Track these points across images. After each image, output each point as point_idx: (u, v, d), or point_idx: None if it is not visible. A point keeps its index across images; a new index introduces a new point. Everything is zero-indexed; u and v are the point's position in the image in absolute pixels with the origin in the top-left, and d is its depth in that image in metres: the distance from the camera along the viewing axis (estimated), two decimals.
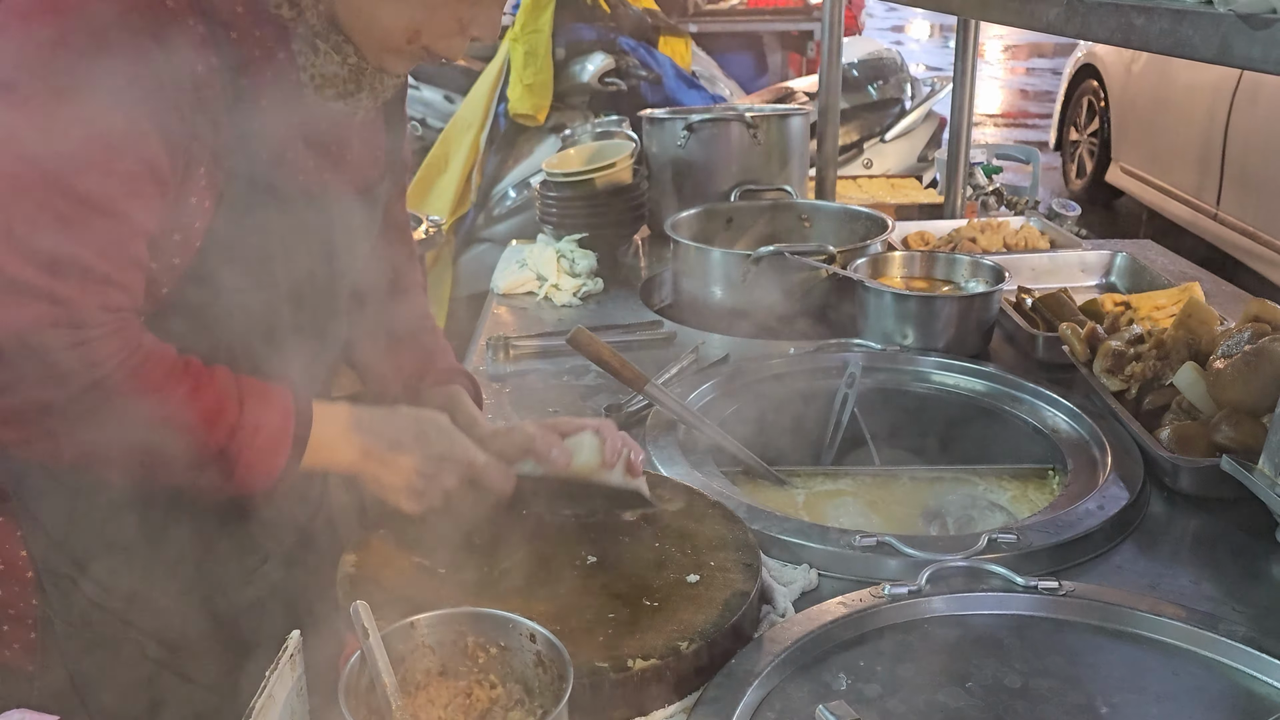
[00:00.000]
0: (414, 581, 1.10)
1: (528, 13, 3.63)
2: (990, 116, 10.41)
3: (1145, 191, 6.08)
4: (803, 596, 1.17)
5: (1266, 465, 1.22)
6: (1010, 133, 9.79)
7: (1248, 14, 0.79)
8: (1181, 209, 5.58)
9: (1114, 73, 6.41)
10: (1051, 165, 7.91)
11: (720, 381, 1.67)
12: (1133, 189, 6.28)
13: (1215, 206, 5.23)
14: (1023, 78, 12.74)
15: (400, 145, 1.29)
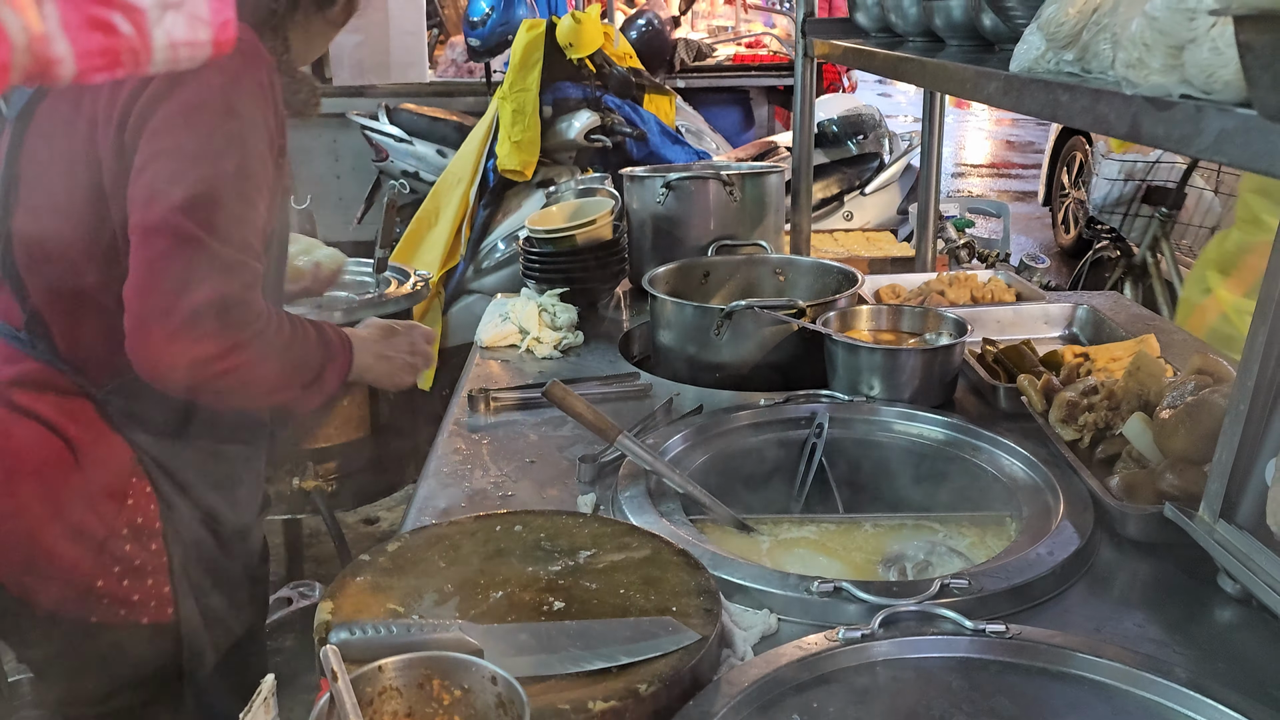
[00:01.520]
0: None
1: (516, 72, 3.74)
2: (975, 167, 10.58)
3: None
4: (762, 640, 1.22)
5: (1206, 512, 1.28)
6: (995, 183, 9.95)
7: (1152, 97, 0.86)
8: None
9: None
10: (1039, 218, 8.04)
11: (692, 432, 1.73)
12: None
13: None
14: (1008, 128, 12.96)
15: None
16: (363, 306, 2.50)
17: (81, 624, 1.47)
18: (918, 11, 1.82)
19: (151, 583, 1.50)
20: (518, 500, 1.58)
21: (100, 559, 1.46)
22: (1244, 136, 0.73)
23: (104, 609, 1.47)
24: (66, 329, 1.45)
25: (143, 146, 1.32)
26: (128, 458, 1.47)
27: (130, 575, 1.48)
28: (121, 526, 1.47)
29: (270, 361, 1.41)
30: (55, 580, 1.45)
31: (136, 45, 0.43)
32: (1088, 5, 1.03)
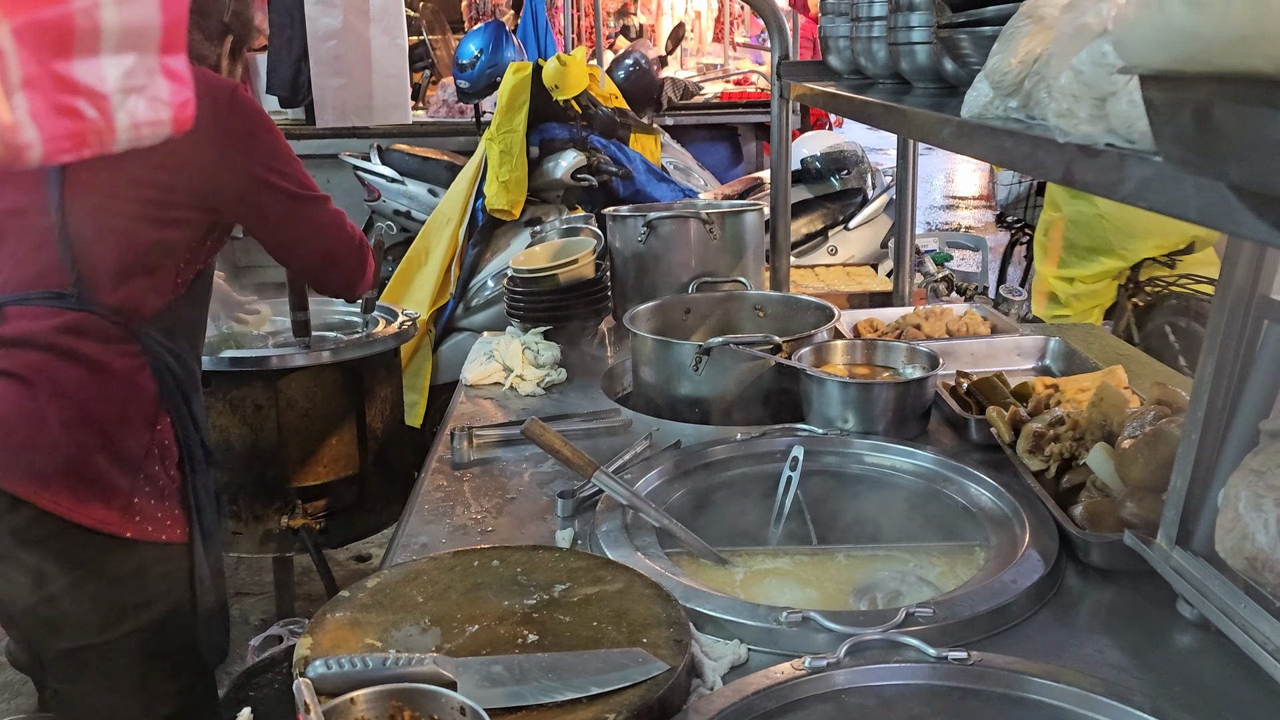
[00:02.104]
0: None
1: (503, 113, 3.80)
2: (963, 199, 10.67)
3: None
4: (732, 670, 1.25)
5: (1163, 539, 1.31)
6: (984, 215, 10.04)
7: (1082, 145, 0.91)
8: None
9: None
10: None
11: (670, 466, 1.76)
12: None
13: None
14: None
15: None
16: (350, 346, 2.54)
17: (120, 541, 1.69)
18: (886, 56, 1.87)
19: (169, 504, 1.76)
20: (498, 535, 1.61)
21: (136, 479, 1.71)
22: (1160, 184, 0.77)
23: (136, 525, 1.71)
24: (112, 287, 1.71)
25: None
26: (155, 389, 1.74)
27: (157, 495, 1.73)
28: (153, 449, 1.73)
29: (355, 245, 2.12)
30: (99, 500, 1.67)
31: (101, 128, 0.47)
32: (1028, 55, 1.08)
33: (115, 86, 0.47)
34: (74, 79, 0.45)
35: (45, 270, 1.69)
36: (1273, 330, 1.23)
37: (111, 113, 0.47)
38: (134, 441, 1.71)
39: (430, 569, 1.38)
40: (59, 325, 1.68)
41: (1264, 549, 1.07)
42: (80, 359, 1.68)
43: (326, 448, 2.50)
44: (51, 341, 1.68)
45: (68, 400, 1.67)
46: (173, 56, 0.50)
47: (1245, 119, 0.58)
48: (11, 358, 1.67)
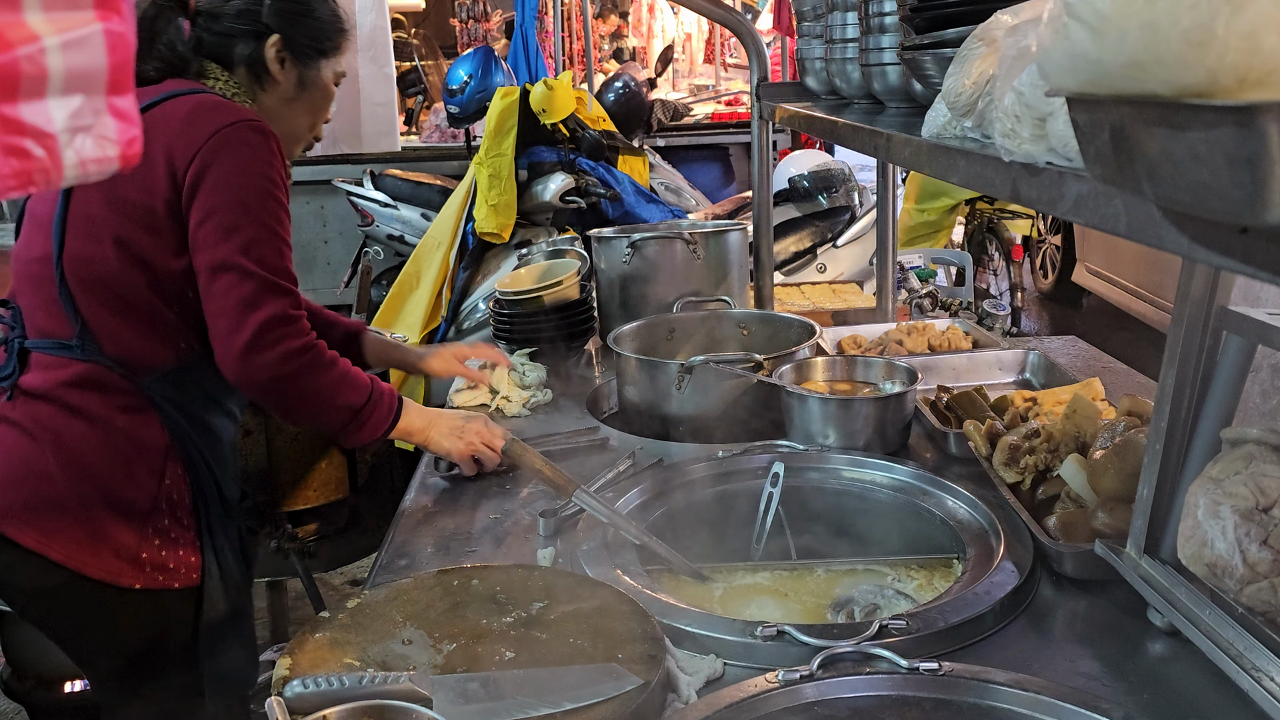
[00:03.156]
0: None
1: (491, 138, 3.85)
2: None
3: (1111, 291, 6.26)
4: (708, 684, 1.26)
5: (1132, 549, 1.33)
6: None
7: (1025, 163, 0.93)
8: (1149, 309, 5.72)
9: None
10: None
11: (651, 484, 1.78)
12: (1099, 289, 6.46)
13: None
14: None
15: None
16: None
17: (129, 592, 1.70)
18: (859, 76, 1.91)
19: (183, 551, 1.75)
20: (480, 555, 1.63)
21: (144, 531, 1.70)
22: (1093, 201, 0.80)
23: (146, 576, 1.71)
24: (113, 333, 1.70)
25: (198, 204, 1.66)
26: (164, 439, 1.73)
27: (168, 545, 1.73)
28: (161, 502, 1.72)
29: (325, 375, 1.73)
30: (108, 554, 1.68)
31: (48, 166, 0.50)
32: (981, 77, 1.11)
33: (62, 126, 0.50)
34: (21, 120, 0.48)
35: (55, 318, 1.71)
36: (1232, 340, 1.25)
37: (59, 151, 0.50)
38: (139, 494, 1.70)
39: (411, 589, 1.40)
40: (66, 379, 1.69)
41: (1223, 555, 1.09)
42: (82, 414, 1.68)
43: (316, 471, 2.52)
44: (57, 395, 1.69)
45: (68, 455, 1.67)
46: (120, 97, 0.53)
47: (1152, 139, 0.60)
48: (22, 408, 1.70)
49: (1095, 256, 6.46)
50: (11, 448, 1.68)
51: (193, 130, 1.66)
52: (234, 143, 1.67)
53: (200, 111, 1.68)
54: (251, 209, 1.67)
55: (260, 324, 1.65)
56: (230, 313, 1.66)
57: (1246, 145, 0.51)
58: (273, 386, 1.68)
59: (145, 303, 1.70)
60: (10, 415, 1.70)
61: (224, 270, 1.65)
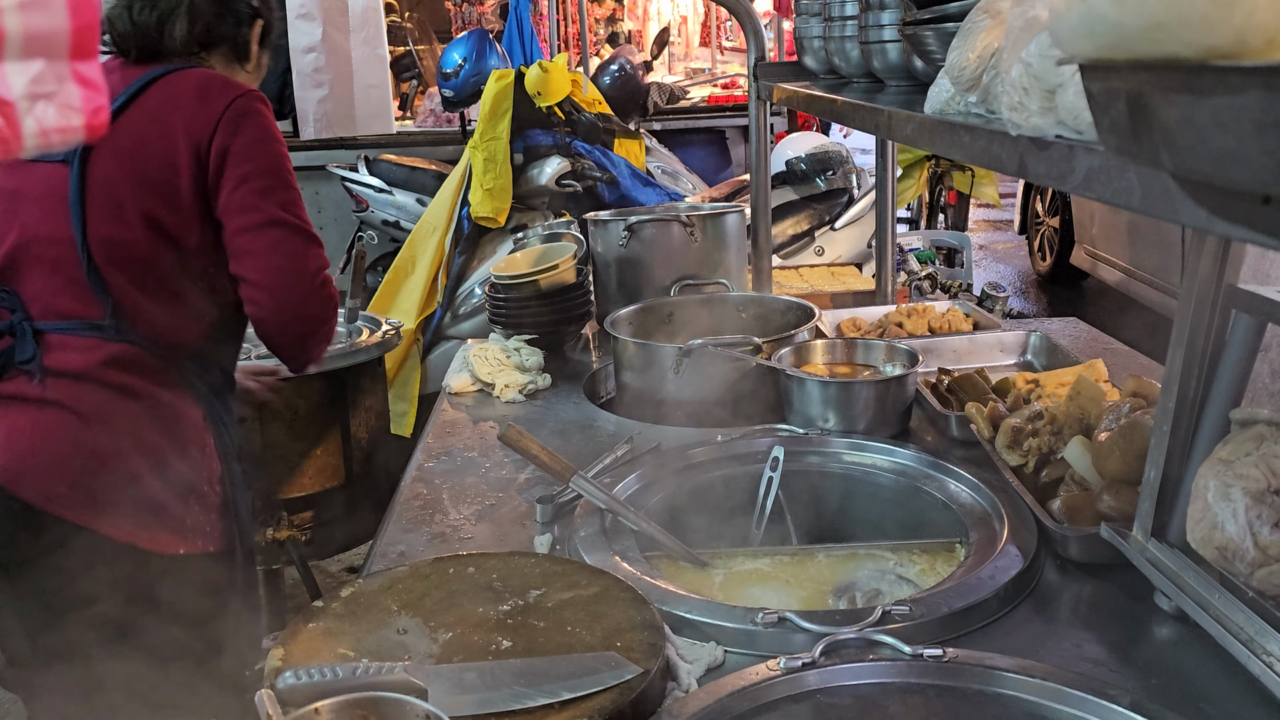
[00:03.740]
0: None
1: (486, 121, 3.81)
2: None
3: (1110, 274, 6.23)
4: (708, 672, 1.24)
5: (1139, 532, 1.31)
6: (975, 213, 10.04)
7: (1034, 137, 0.91)
8: (1149, 291, 5.68)
9: None
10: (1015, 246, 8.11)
11: (649, 469, 1.76)
12: (1098, 271, 6.43)
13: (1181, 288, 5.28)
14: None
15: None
16: (333, 356, 2.54)
17: (174, 558, 1.76)
18: (858, 55, 1.88)
19: (215, 516, 1.83)
20: (476, 542, 1.60)
21: (188, 501, 1.78)
22: (1106, 174, 0.77)
23: (189, 542, 1.78)
24: (145, 315, 1.74)
25: (230, 173, 1.73)
26: (200, 415, 1.82)
27: (205, 511, 1.81)
28: (202, 471, 1.81)
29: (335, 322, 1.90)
30: (157, 524, 1.74)
31: (6, 135, 0.47)
32: (986, 50, 1.08)
33: (21, 93, 0.47)
34: None
35: (80, 300, 1.72)
36: (1240, 319, 1.23)
37: (18, 119, 0.47)
38: (188, 466, 1.78)
39: (406, 577, 1.38)
40: (104, 360, 1.71)
41: (1233, 538, 1.07)
42: (130, 392, 1.73)
43: (311, 459, 2.50)
44: (99, 375, 1.71)
45: (124, 432, 1.71)
46: (85, 62, 0.50)
47: (1172, 106, 0.58)
48: (62, 389, 1.70)
49: (1094, 239, 6.43)
50: (57, 428, 1.69)
51: (208, 104, 1.72)
52: (250, 113, 1.74)
53: (210, 86, 1.75)
54: (279, 173, 1.77)
55: (315, 271, 1.79)
56: (286, 265, 1.76)
57: (1276, 109, 0.48)
58: (318, 330, 1.83)
59: (174, 281, 1.75)
60: (49, 397, 1.69)
61: (272, 226, 1.74)
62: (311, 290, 1.77)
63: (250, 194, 1.72)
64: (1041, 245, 7.39)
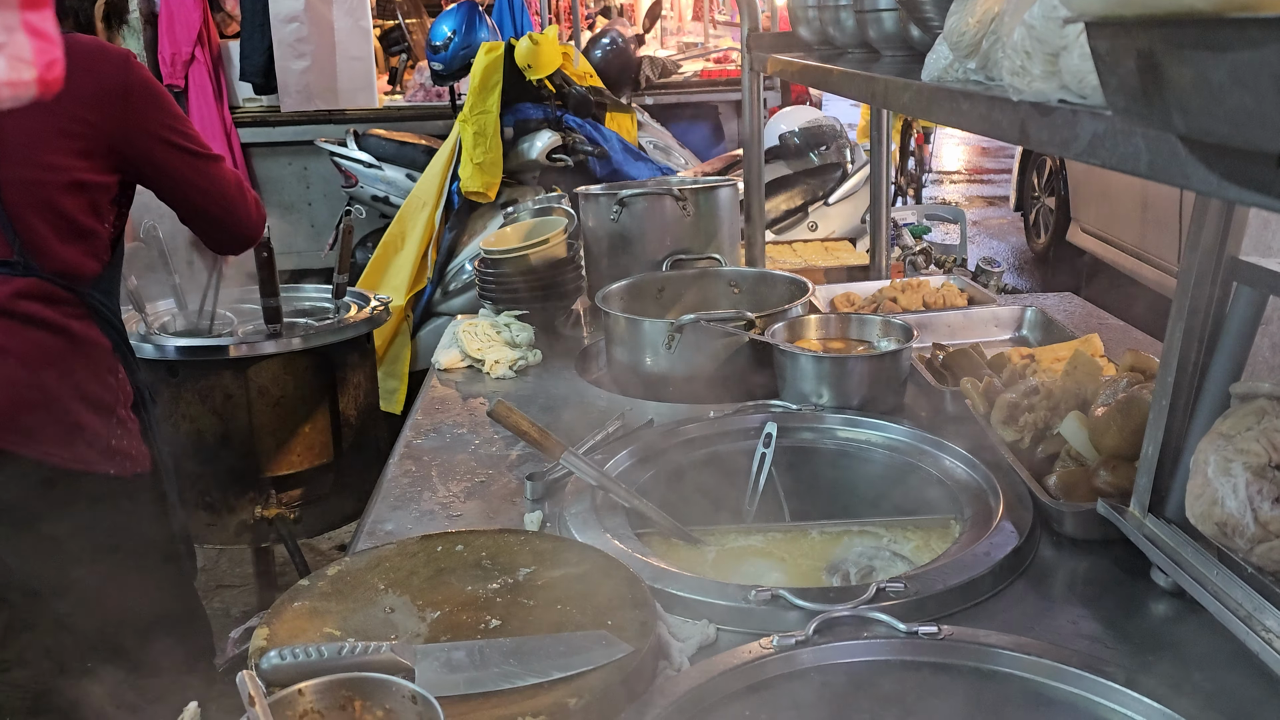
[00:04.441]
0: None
1: (476, 95, 3.76)
2: (948, 174, 10.64)
3: (1107, 251, 6.16)
4: (701, 651, 1.22)
5: (1136, 508, 1.30)
6: (968, 189, 10.02)
7: (1036, 103, 0.88)
8: (1147, 269, 5.62)
9: None
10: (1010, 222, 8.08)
11: (641, 446, 1.74)
12: (1094, 249, 6.37)
13: (1178, 265, 5.18)
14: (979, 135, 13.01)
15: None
16: (321, 332, 2.51)
17: (103, 479, 1.90)
18: (853, 24, 1.84)
19: (135, 441, 1.96)
20: (466, 520, 1.58)
21: (110, 423, 1.91)
22: (1111, 139, 0.75)
23: (117, 463, 1.92)
24: (51, 250, 1.86)
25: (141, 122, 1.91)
26: (108, 342, 1.95)
27: (128, 436, 1.94)
28: (119, 394, 1.94)
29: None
30: (83, 445, 1.87)
31: None
32: (986, 15, 1.05)
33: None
34: None
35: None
36: (1242, 292, 1.21)
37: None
38: (103, 389, 1.92)
39: (393, 555, 1.36)
40: (12, 293, 1.83)
41: (1233, 514, 1.06)
42: (39, 322, 1.85)
43: (300, 436, 2.47)
44: (7, 308, 1.83)
45: (39, 359, 1.84)
46: (36, 12, 0.47)
47: (1186, 63, 0.55)
48: None
49: (1090, 216, 6.39)
50: None
51: (103, 60, 1.88)
52: (137, 67, 1.92)
53: (95, 45, 1.92)
54: (174, 112, 1.98)
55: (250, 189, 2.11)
56: (238, 189, 2.07)
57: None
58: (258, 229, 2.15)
59: (84, 221, 1.88)
60: None
61: (211, 161, 2.01)
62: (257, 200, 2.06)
63: (159, 138, 1.92)
64: (1037, 223, 7.34)
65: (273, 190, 6.53)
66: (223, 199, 2.07)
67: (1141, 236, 5.66)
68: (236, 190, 2.09)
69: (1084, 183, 6.47)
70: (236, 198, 2.08)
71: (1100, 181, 6.17)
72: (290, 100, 5.79)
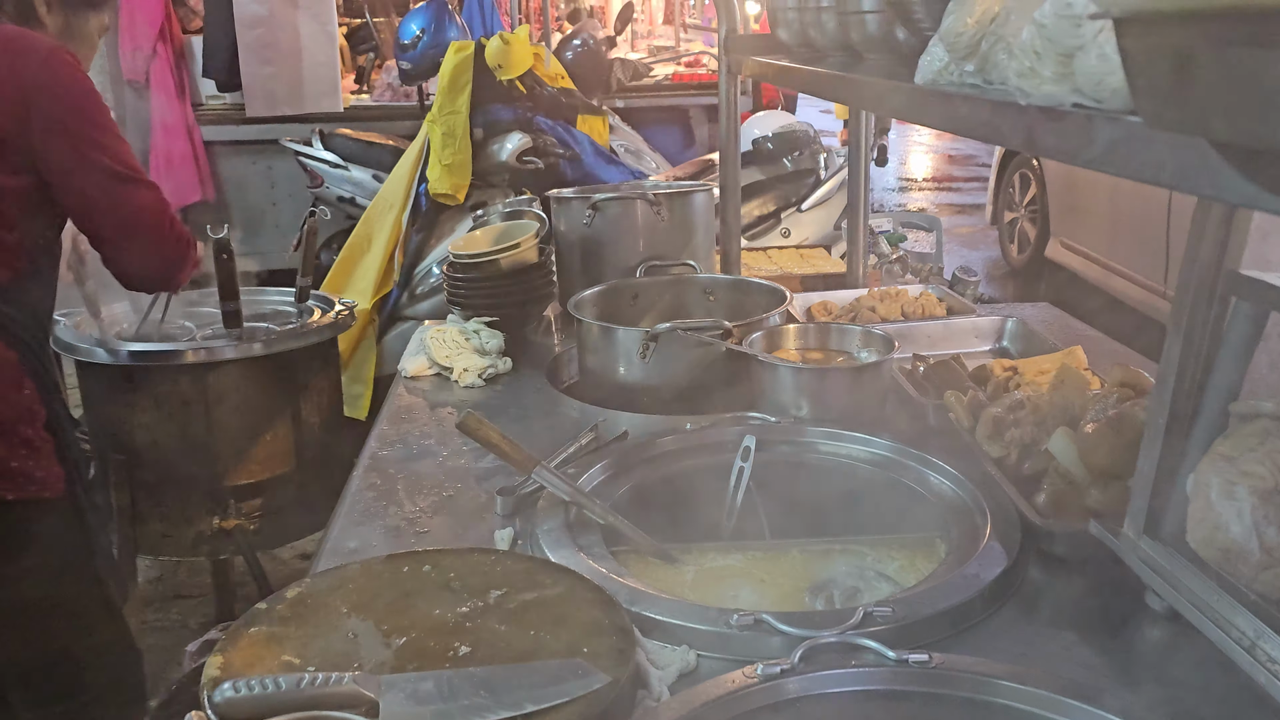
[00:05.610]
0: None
1: (445, 95, 3.69)
2: (915, 181, 10.68)
3: (1089, 268, 6.05)
4: (681, 678, 1.17)
5: (1130, 529, 1.25)
6: (937, 197, 10.06)
7: (1045, 107, 0.83)
8: (1129, 287, 5.51)
9: None
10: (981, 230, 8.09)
11: (616, 459, 1.68)
12: (1075, 265, 6.26)
13: (1164, 285, 5.14)
14: (948, 143, 13.10)
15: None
16: (283, 337, 2.43)
17: (3, 504, 1.77)
18: (835, 26, 1.79)
19: (46, 462, 1.83)
20: (434, 537, 1.52)
21: (11, 443, 1.79)
22: (1130, 146, 0.70)
23: (18, 487, 1.79)
24: None
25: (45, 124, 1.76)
26: (15, 355, 1.82)
27: (34, 457, 1.82)
28: (24, 412, 1.81)
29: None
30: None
31: None
32: (985, 15, 1.00)
33: None
34: None
35: None
36: (1241, 307, 1.17)
37: None
38: (3, 405, 1.79)
39: (357, 576, 1.29)
40: None
41: (1238, 539, 1.02)
42: None
43: (260, 444, 2.38)
44: None
45: None
46: None
47: (1232, 63, 0.50)
48: None
49: (1072, 231, 6.31)
50: None
51: (25, 52, 1.75)
52: (58, 64, 1.78)
53: (18, 35, 1.78)
54: (100, 122, 1.82)
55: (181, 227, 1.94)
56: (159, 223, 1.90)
57: None
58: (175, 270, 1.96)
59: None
60: None
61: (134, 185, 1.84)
62: (173, 224, 1.90)
63: (73, 145, 1.76)
64: (1016, 238, 7.26)
65: (237, 189, 6.40)
66: (136, 230, 1.88)
67: (1126, 254, 5.55)
68: (155, 224, 1.89)
69: (1065, 197, 6.39)
70: (153, 232, 1.89)
71: (1083, 196, 6.11)
72: (256, 105, 5.68)
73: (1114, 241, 5.73)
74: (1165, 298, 5.16)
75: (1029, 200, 7.00)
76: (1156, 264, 5.14)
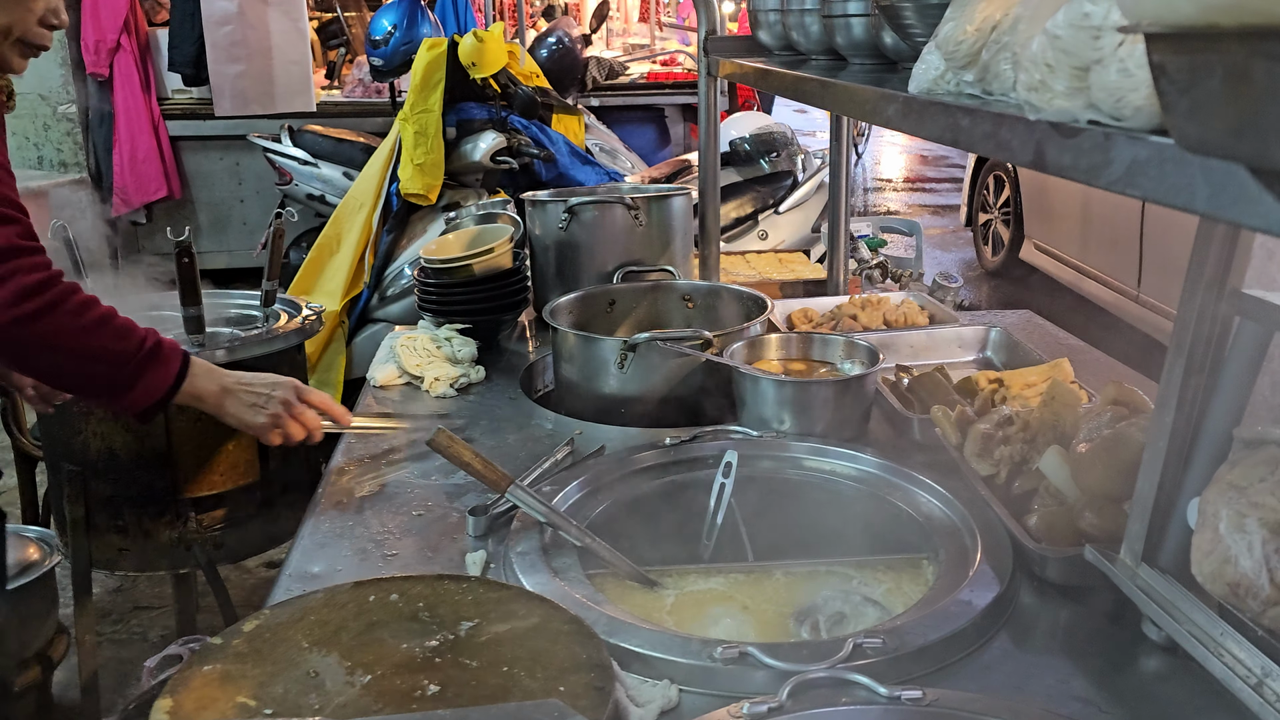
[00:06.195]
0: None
1: (417, 92, 3.61)
2: (889, 182, 10.68)
3: (1062, 271, 6.06)
4: (662, 716, 1.11)
5: (1127, 555, 1.21)
6: (910, 197, 10.06)
7: (1058, 122, 0.78)
8: (1101, 290, 5.52)
9: None
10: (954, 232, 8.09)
11: (592, 476, 1.62)
12: (1048, 268, 6.27)
13: (1137, 289, 5.15)
14: (920, 144, 13.12)
15: None
16: (247, 343, 2.34)
17: None
18: (819, 30, 1.74)
19: None
20: (402, 559, 1.45)
21: None
22: (1158, 168, 0.65)
23: None
24: None
25: None
26: None
27: None
28: None
29: (74, 317, 1.48)
30: None
31: None
32: (986, 23, 0.95)
33: None
34: None
35: None
36: (1245, 327, 1.12)
37: None
38: None
39: (320, 607, 1.22)
40: None
41: (1248, 574, 0.97)
42: None
43: (223, 454, 2.30)
44: None
45: None
46: None
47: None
48: None
49: (1045, 234, 6.31)
50: None
51: None
52: None
53: None
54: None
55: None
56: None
57: None
58: (9, 331, 1.43)
59: None
60: None
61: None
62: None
63: None
64: (990, 239, 7.26)
65: (204, 186, 6.29)
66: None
67: (1099, 257, 5.57)
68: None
69: (1038, 200, 6.40)
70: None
71: (1056, 199, 6.12)
72: (225, 105, 5.56)
73: (1086, 244, 5.74)
74: (1138, 301, 5.17)
75: (1003, 202, 7.00)
76: (1129, 267, 5.15)
